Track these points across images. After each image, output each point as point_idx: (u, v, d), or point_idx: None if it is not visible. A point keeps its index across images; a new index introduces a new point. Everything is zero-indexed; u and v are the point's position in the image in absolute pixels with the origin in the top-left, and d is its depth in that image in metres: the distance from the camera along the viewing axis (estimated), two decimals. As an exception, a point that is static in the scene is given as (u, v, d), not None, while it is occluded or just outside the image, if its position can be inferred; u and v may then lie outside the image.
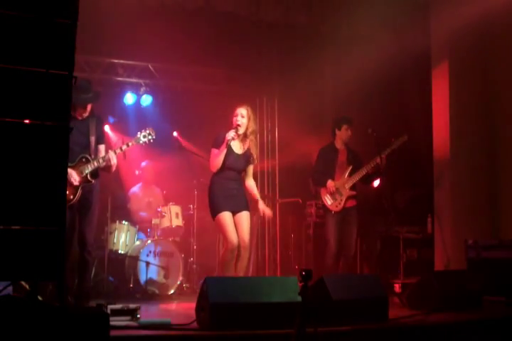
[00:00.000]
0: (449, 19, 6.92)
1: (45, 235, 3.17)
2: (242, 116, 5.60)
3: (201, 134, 7.59)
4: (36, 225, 3.16)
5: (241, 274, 5.57)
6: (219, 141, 5.56)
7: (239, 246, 5.53)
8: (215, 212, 5.53)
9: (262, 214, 5.90)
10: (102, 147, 5.23)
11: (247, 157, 5.66)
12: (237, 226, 5.54)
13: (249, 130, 5.62)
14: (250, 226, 5.67)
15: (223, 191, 5.55)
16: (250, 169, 5.78)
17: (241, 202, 5.60)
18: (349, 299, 4.47)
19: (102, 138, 5.26)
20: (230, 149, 5.56)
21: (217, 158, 5.50)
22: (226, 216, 5.48)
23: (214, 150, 5.57)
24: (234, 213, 5.55)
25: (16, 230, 3.12)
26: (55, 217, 3.21)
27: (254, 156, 5.70)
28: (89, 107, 5.16)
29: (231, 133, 5.49)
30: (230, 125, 5.63)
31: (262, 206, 5.78)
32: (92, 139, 5.10)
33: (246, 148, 5.67)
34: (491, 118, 7.10)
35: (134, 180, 8.23)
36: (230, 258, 5.47)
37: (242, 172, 5.70)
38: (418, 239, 7.48)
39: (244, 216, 5.57)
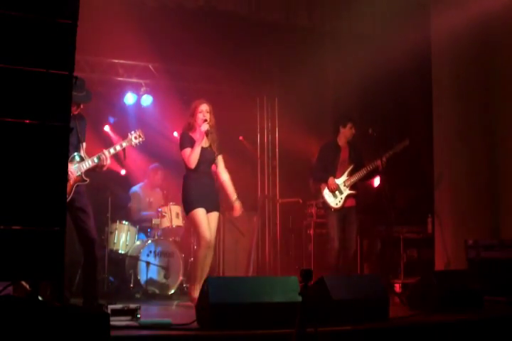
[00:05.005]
0: (449, 19, 6.92)
1: (45, 235, 3.17)
2: (207, 111, 5.73)
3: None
4: (36, 225, 3.16)
5: (206, 272, 5.65)
6: (187, 141, 5.68)
7: None
8: (189, 207, 5.64)
9: (233, 212, 5.89)
10: (83, 145, 5.19)
11: (211, 150, 5.77)
12: None
13: (211, 124, 5.73)
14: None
15: (197, 188, 5.65)
16: (220, 161, 5.85)
17: (213, 201, 5.72)
18: (349, 299, 4.47)
19: (84, 136, 5.21)
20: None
21: (193, 153, 5.61)
22: (200, 212, 5.59)
23: (187, 150, 5.66)
24: (205, 212, 5.66)
25: (16, 230, 3.12)
26: (55, 217, 3.21)
27: (215, 150, 5.78)
28: (81, 106, 5.11)
29: (206, 126, 5.62)
30: (192, 124, 5.73)
31: (238, 206, 5.82)
32: (80, 138, 5.07)
33: (209, 142, 5.80)
34: (492, 117, 7.09)
35: (134, 180, 8.22)
36: (205, 255, 5.60)
37: (212, 165, 5.79)
38: (418, 239, 7.49)
39: (214, 216, 5.72)
